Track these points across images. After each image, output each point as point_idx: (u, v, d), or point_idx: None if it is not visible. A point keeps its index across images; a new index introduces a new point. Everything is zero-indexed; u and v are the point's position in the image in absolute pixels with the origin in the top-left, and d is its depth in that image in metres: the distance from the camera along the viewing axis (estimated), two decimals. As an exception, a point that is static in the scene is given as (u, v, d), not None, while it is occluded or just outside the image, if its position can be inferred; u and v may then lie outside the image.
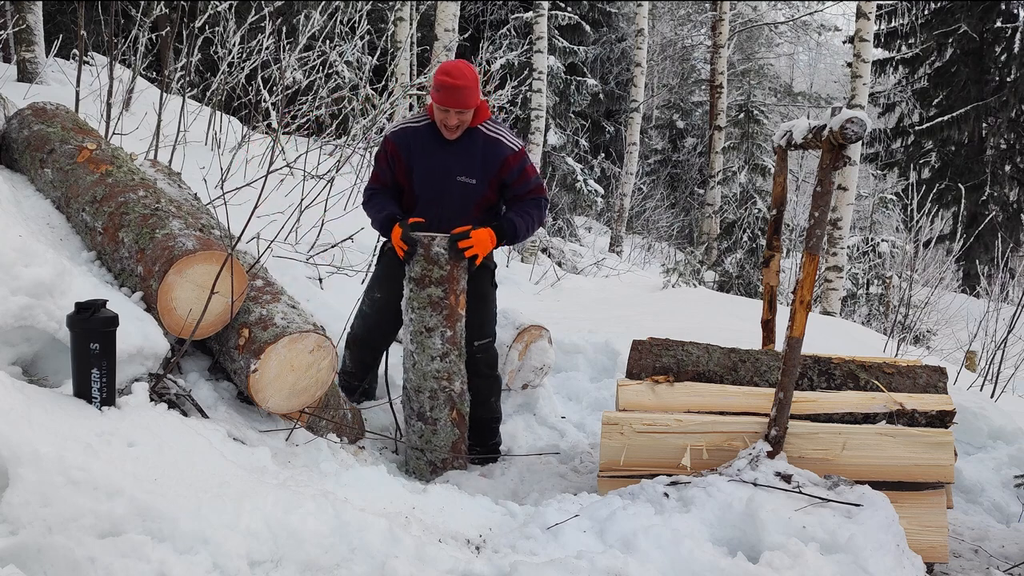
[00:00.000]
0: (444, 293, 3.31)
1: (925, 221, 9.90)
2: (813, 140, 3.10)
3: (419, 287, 3.32)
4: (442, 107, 3.29)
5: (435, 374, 3.38)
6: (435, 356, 3.36)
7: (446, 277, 3.30)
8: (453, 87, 3.23)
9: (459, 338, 3.40)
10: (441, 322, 3.33)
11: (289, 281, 4.04)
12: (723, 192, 16.27)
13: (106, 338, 2.41)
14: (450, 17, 6.61)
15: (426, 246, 3.29)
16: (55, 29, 10.32)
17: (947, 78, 19.50)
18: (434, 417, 3.42)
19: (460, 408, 3.47)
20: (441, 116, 3.33)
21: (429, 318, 3.33)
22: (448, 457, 3.47)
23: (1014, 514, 3.64)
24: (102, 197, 3.20)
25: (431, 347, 3.35)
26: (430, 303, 3.32)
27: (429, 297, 3.31)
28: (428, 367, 3.38)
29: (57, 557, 1.87)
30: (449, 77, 3.23)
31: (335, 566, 2.21)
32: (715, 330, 5.18)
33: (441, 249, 3.28)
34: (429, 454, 3.46)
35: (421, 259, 3.30)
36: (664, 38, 23.32)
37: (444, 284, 3.30)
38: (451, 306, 3.33)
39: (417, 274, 3.32)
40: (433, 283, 3.30)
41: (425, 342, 3.35)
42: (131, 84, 6.66)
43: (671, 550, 2.49)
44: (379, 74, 9.81)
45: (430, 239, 3.29)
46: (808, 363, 3.32)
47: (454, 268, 3.31)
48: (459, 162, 3.42)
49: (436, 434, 3.44)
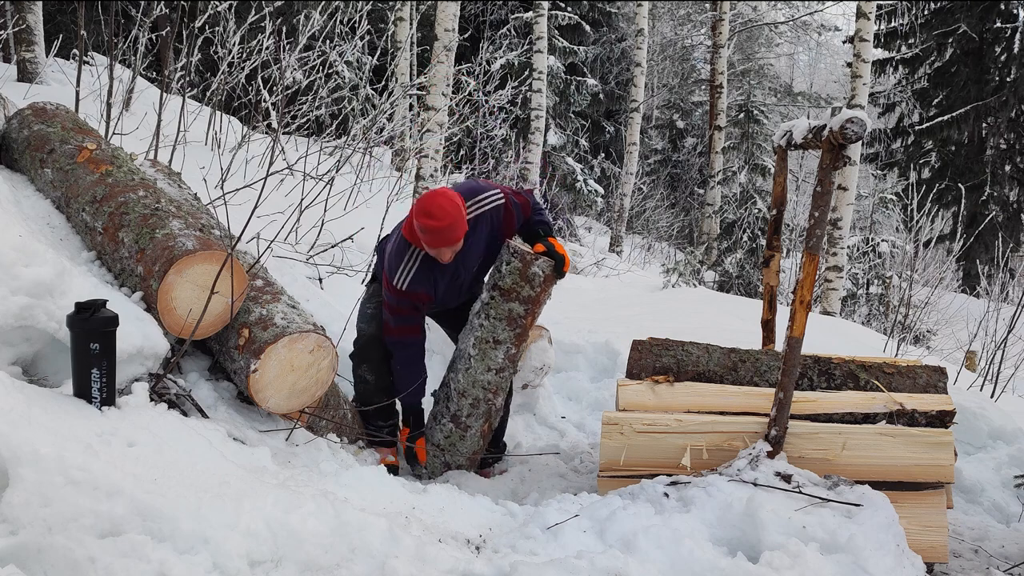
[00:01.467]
0: (525, 312, 3.27)
1: (925, 221, 9.88)
2: (813, 140, 3.10)
3: (504, 299, 3.26)
4: (435, 249, 3.19)
5: (486, 384, 3.35)
6: (492, 368, 3.33)
7: (533, 298, 3.26)
8: (439, 230, 3.08)
9: (519, 359, 3.39)
10: (511, 338, 3.30)
11: (289, 281, 4.04)
12: (723, 192, 16.27)
13: (106, 338, 2.41)
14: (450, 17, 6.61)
15: (526, 263, 3.23)
16: (55, 29, 10.32)
17: (947, 78, 19.49)
18: (467, 424, 3.40)
19: (492, 422, 3.46)
20: (435, 253, 3.22)
21: (502, 331, 3.29)
22: (464, 464, 3.47)
23: (1014, 514, 3.64)
24: (102, 197, 3.20)
25: (492, 359, 3.32)
26: (508, 317, 3.28)
27: (510, 312, 3.27)
28: (482, 376, 3.34)
29: (57, 557, 1.87)
30: (433, 220, 3.06)
31: (335, 566, 2.21)
32: (715, 330, 5.18)
33: (540, 270, 3.23)
34: (448, 456, 3.45)
35: (516, 274, 3.23)
36: (664, 38, 23.32)
37: (528, 304, 3.27)
38: (525, 326, 3.30)
39: (507, 286, 3.25)
40: (519, 300, 3.26)
41: (489, 352, 3.31)
42: (131, 84, 6.66)
43: (671, 550, 2.49)
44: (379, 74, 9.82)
45: (532, 257, 3.23)
46: (808, 363, 3.32)
47: (543, 291, 3.28)
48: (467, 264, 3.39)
49: (463, 440, 3.42)
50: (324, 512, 2.31)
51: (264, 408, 2.98)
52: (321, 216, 5.27)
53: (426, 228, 3.10)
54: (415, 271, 3.31)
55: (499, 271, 3.29)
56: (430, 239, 3.14)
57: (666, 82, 23.24)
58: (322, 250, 5.05)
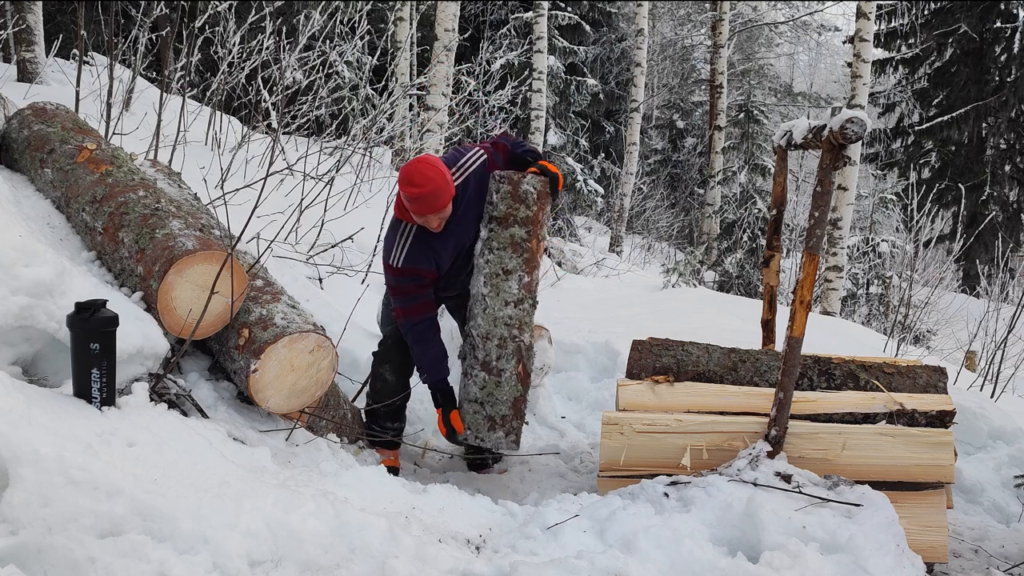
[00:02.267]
0: (527, 235, 3.15)
1: (925, 221, 9.88)
2: (813, 140, 3.10)
3: (502, 226, 3.16)
4: (422, 217, 3.13)
5: (507, 320, 3.18)
6: (510, 301, 3.17)
7: (531, 218, 3.15)
8: (423, 197, 3.03)
9: (535, 286, 3.24)
10: (520, 265, 3.17)
11: (289, 281, 4.04)
12: (723, 192, 16.28)
13: (106, 338, 2.41)
14: (450, 17, 6.61)
15: (515, 183, 3.15)
16: (55, 29, 10.32)
17: (947, 78, 19.48)
18: (500, 368, 3.17)
19: (527, 363, 3.25)
20: (423, 222, 3.17)
21: (509, 260, 3.16)
22: (508, 414, 3.19)
23: (1014, 514, 3.64)
24: (102, 197, 3.20)
25: (507, 291, 3.17)
26: (511, 243, 3.15)
27: (512, 237, 3.15)
28: (501, 312, 3.17)
29: (57, 557, 1.87)
30: (415, 187, 3.02)
31: (335, 566, 2.21)
32: (715, 330, 5.18)
33: (531, 187, 3.13)
34: (489, 408, 3.19)
35: (508, 197, 3.15)
36: (664, 38, 23.32)
37: (528, 225, 3.15)
38: (532, 250, 3.17)
39: (501, 212, 3.16)
40: (518, 223, 3.15)
41: (501, 285, 3.17)
42: (131, 84, 6.66)
43: (671, 550, 2.49)
44: (379, 74, 9.82)
45: (519, 176, 3.16)
46: (808, 363, 3.32)
47: (540, 210, 3.17)
48: (466, 229, 3.30)
49: (500, 387, 3.19)
50: (324, 512, 2.31)
51: (264, 408, 2.98)
52: (321, 216, 5.27)
53: (411, 196, 3.05)
54: (409, 246, 3.24)
55: (491, 202, 3.21)
56: (416, 207, 3.07)
57: (666, 82, 23.24)
58: (322, 250, 5.06)
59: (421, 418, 3.99)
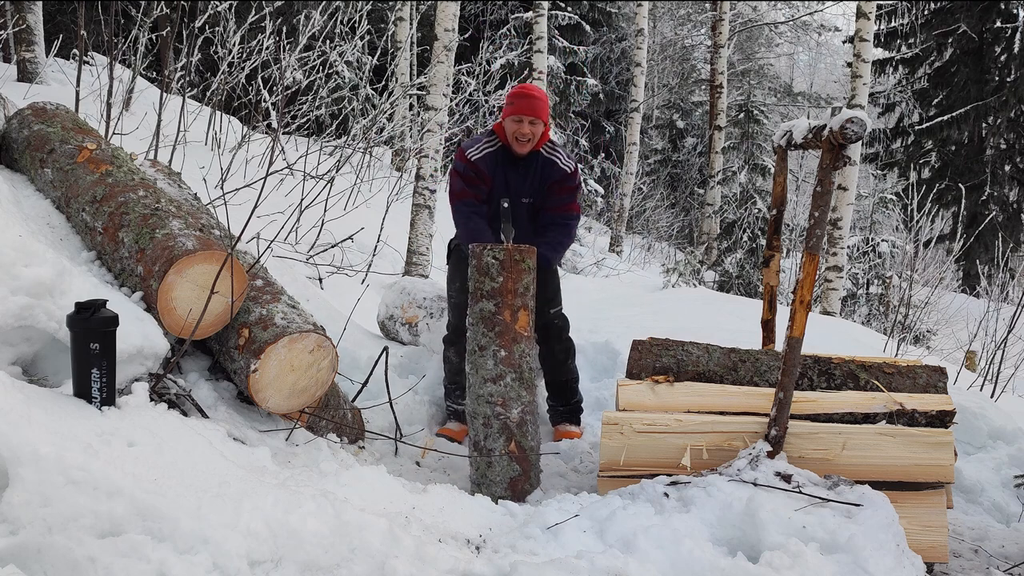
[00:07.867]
0: (496, 308, 3.05)
1: (925, 221, 9.88)
2: (813, 140, 3.10)
3: (474, 301, 3.10)
4: (516, 116, 3.63)
5: (488, 398, 3.11)
6: (487, 379, 3.10)
7: (497, 290, 3.04)
8: (528, 96, 3.64)
9: (516, 359, 3.10)
10: (493, 340, 3.07)
11: (289, 281, 4.04)
12: (723, 192, 16.27)
13: (106, 338, 2.41)
14: (450, 17, 6.59)
15: (477, 255, 3.06)
16: (55, 29, 10.32)
17: (947, 78, 19.49)
18: (488, 447, 3.13)
19: (520, 440, 3.15)
20: (514, 128, 3.65)
21: (481, 336, 3.08)
22: (505, 496, 3.10)
23: (1014, 514, 3.64)
24: (102, 197, 3.20)
25: (483, 368, 3.10)
26: (482, 318, 3.07)
27: (481, 312, 3.07)
28: (481, 390, 3.12)
29: (57, 557, 1.87)
30: (526, 89, 3.69)
31: (335, 566, 2.21)
32: (715, 330, 5.17)
33: (492, 259, 3.04)
34: (485, 489, 3.16)
35: (474, 270, 3.08)
36: (664, 38, 23.32)
37: (495, 297, 3.05)
38: (505, 323, 3.05)
39: (472, 287, 3.10)
40: (485, 296, 3.06)
41: (478, 361, 3.11)
42: (131, 84, 6.67)
43: (671, 550, 2.49)
44: (379, 74, 9.81)
45: (480, 248, 3.07)
46: (808, 363, 3.32)
47: (507, 279, 3.04)
48: (524, 183, 3.77)
49: (491, 467, 3.15)
50: (324, 512, 2.31)
51: (264, 408, 2.98)
52: (321, 216, 5.27)
53: (518, 92, 3.67)
54: (487, 152, 3.75)
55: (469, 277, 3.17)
56: (518, 105, 3.62)
57: (666, 82, 23.25)
58: (322, 250, 5.06)
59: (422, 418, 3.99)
